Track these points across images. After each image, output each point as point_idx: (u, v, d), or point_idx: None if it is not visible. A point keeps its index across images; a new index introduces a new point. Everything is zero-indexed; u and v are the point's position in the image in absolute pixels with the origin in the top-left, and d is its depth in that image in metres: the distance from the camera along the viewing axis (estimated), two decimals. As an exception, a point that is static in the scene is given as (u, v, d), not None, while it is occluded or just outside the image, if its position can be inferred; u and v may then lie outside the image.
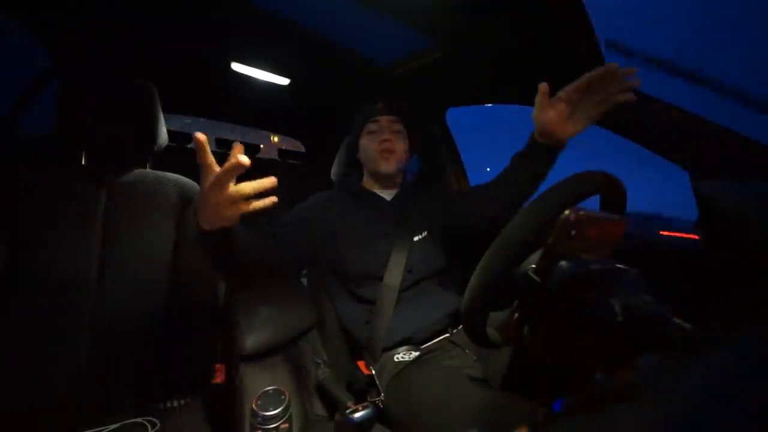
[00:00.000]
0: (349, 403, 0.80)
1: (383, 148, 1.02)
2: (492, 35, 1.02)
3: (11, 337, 0.74)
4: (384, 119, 1.06)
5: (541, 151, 0.85)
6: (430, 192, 1.17)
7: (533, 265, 0.46)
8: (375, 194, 1.10)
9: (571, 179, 0.58)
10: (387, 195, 1.11)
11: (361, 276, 0.99)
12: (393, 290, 0.96)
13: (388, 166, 1.03)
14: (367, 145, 1.06)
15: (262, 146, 2.80)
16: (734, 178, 0.73)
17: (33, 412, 0.75)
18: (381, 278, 0.97)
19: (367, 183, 1.13)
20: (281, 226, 0.94)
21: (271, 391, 0.76)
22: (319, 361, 1.04)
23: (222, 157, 0.57)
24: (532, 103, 0.94)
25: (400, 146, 1.06)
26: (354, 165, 1.16)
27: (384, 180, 1.09)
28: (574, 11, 0.81)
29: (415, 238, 1.04)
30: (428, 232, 1.07)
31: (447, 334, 0.99)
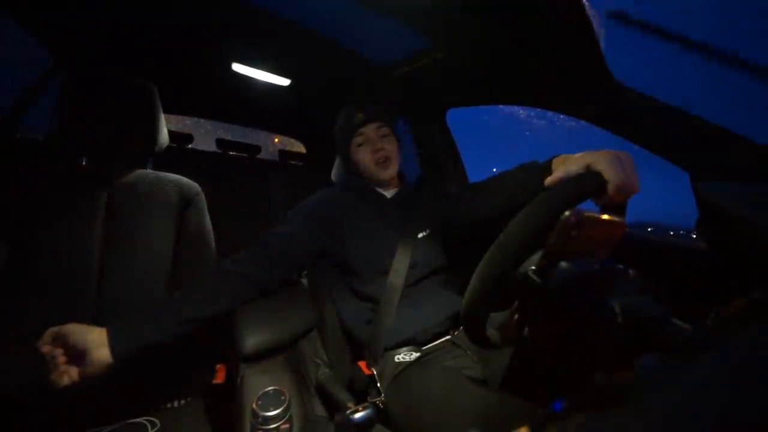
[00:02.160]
0: (350, 404, 0.80)
1: (378, 157, 1.02)
2: (492, 36, 1.02)
3: (11, 337, 0.75)
4: (369, 129, 1.04)
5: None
6: (431, 192, 1.18)
7: (533, 266, 0.46)
8: (377, 191, 1.11)
9: (571, 180, 0.58)
10: (388, 193, 1.12)
11: (365, 270, 0.99)
12: (397, 288, 0.96)
13: (386, 173, 1.04)
14: (361, 158, 1.04)
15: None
16: (734, 178, 0.73)
17: (33, 412, 0.75)
18: (385, 273, 0.97)
19: (368, 182, 1.13)
20: (286, 224, 0.95)
21: (271, 392, 0.76)
22: (320, 361, 1.05)
23: (222, 158, 0.57)
24: (531, 104, 0.94)
25: (393, 149, 1.05)
26: (352, 172, 1.16)
27: (384, 184, 1.10)
28: (573, 12, 0.81)
29: (419, 235, 1.04)
30: (431, 230, 1.07)
31: (449, 336, 1.00)
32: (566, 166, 0.66)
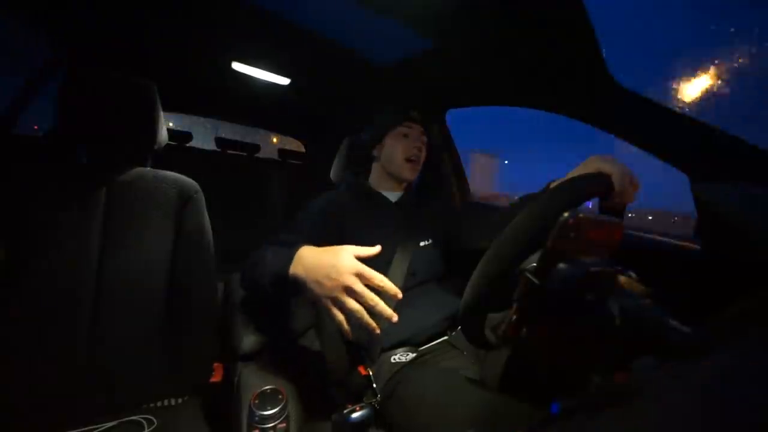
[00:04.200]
0: (347, 404, 0.80)
1: (413, 156, 1.06)
2: (492, 36, 1.02)
3: (9, 336, 0.74)
4: (416, 129, 1.08)
5: None
6: (435, 200, 1.19)
7: (533, 264, 0.46)
8: (381, 195, 1.11)
9: (573, 181, 0.58)
10: (392, 197, 1.12)
11: None
12: None
13: (412, 174, 1.08)
14: (395, 147, 1.07)
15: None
16: (733, 181, 0.73)
17: (30, 409, 0.75)
18: None
19: (374, 182, 1.13)
20: (296, 234, 0.94)
21: (268, 391, 0.76)
22: (317, 361, 1.04)
23: (221, 157, 0.57)
24: (531, 106, 0.94)
25: (424, 157, 1.10)
26: (361, 162, 1.17)
27: (397, 182, 1.11)
28: (574, 13, 0.81)
29: (421, 244, 1.05)
30: (433, 240, 1.08)
31: (445, 337, 0.99)
32: (571, 174, 0.67)
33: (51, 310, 0.77)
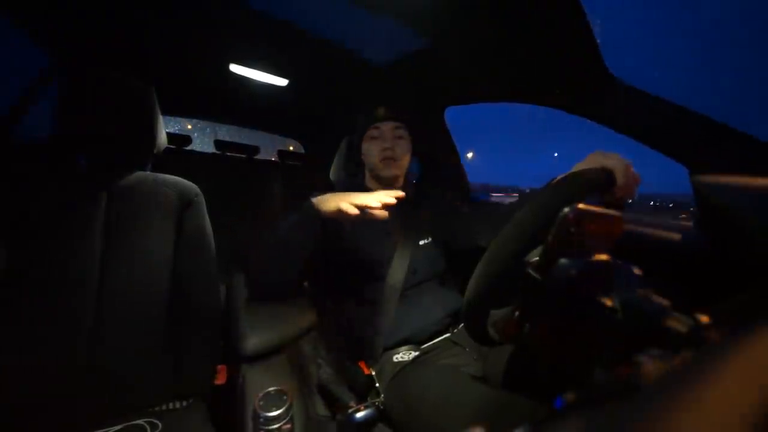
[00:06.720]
0: (351, 404, 0.80)
1: (384, 156, 1.05)
2: (491, 35, 1.02)
3: (11, 339, 0.74)
4: (386, 126, 1.06)
5: None
6: (434, 198, 1.19)
7: (536, 258, 0.46)
8: None
9: (575, 177, 0.58)
10: None
11: (363, 275, 0.99)
12: (395, 290, 0.96)
13: (388, 171, 1.06)
14: (369, 150, 1.07)
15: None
16: (733, 174, 0.73)
17: (33, 413, 0.75)
18: (383, 278, 0.98)
19: (370, 183, 1.14)
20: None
21: (273, 392, 0.76)
22: (321, 361, 1.05)
23: (221, 159, 0.57)
24: (530, 101, 0.93)
25: (402, 152, 1.07)
26: (357, 165, 1.17)
27: (386, 182, 1.10)
28: (572, 11, 0.81)
29: (420, 242, 1.05)
30: (432, 239, 1.08)
31: (447, 334, 1.00)
32: (574, 169, 0.67)
33: (53, 313, 0.77)
